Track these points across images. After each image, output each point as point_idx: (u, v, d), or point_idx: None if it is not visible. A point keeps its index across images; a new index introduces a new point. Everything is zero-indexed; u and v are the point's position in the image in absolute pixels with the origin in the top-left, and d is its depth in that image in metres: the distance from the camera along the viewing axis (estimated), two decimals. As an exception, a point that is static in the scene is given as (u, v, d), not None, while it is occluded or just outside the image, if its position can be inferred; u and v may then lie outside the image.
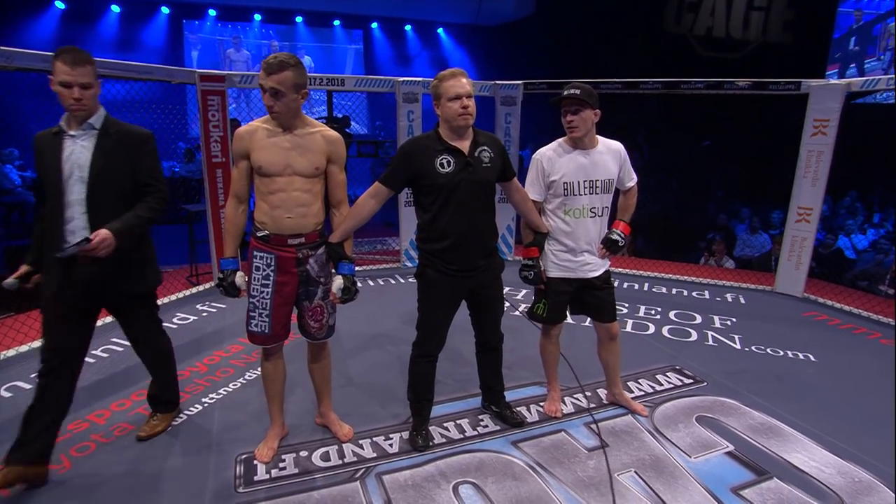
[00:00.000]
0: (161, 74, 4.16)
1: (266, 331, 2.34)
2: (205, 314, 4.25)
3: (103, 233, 2.11)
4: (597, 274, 2.68)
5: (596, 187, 2.57)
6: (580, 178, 2.54)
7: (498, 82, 5.50)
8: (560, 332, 2.82)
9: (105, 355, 3.51)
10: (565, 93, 2.47)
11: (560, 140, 2.61)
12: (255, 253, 2.31)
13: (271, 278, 2.30)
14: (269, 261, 2.29)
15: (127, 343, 3.60)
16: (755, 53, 9.60)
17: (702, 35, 10.00)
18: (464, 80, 2.26)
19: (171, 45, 10.85)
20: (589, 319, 2.90)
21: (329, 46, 12.02)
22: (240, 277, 2.32)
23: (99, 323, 3.88)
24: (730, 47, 9.84)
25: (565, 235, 2.60)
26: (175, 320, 4.11)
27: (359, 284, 2.42)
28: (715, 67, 7.39)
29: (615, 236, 2.67)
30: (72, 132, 2.19)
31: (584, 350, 3.39)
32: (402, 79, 5.07)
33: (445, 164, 2.28)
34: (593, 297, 2.71)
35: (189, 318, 4.16)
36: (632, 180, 2.72)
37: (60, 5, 9.92)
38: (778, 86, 4.69)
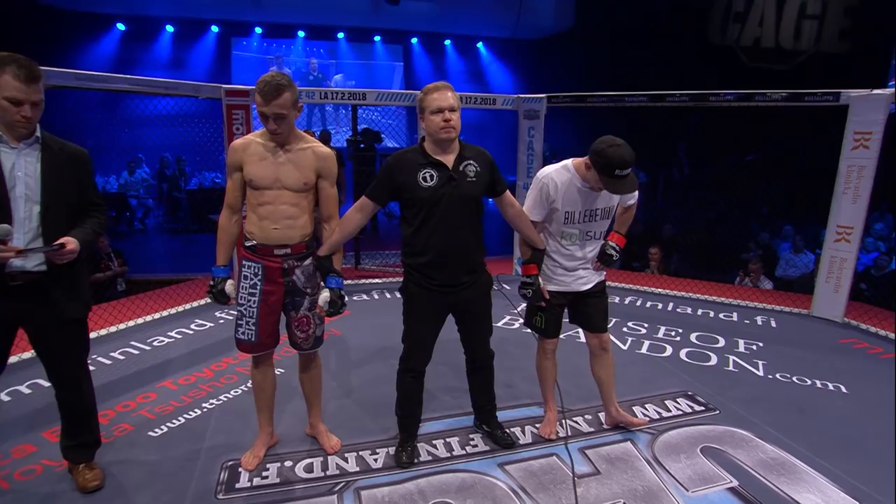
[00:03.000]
0: (187, 90, 4.35)
1: (252, 339, 2.38)
2: (221, 321, 4.37)
3: (73, 241, 2.05)
4: (590, 287, 2.63)
5: (595, 215, 2.54)
6: (582, 209, 2.50)
7: (521, 96, 5.45)
8: (556, 347, 2.74)
9: (121, 357, 3.66)
10: (617, 174, 2.27)
11: (570, 165, 2.48)
12: (244, 262, 2.36)
13: (258, 287, 2.34)
14: (256, 270, 2.34)
15: (145, 347, 3.82)
16: (808, 64, 9.16)
17: (749, 46, 9.64)
18: (448, 94, 2.24)
19: (220, 63, 11.38)
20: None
21: (369, 63, 12.29)
22: (230, 285, 2.38)
23: (115, 328, 4.11)
24: (779, 58, 9.44)
25: (562, 256, 2.58)
26: (193, 326, 4.25)
27: (374, 294, 2.42)
28: (762, 80, 7.09)
29: (609, 250, 2.61)
30: (12, 144, 2.01)
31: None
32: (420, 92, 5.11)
33: (428, 178, 2.27)
34: (585, 305, 2.66)
35: (206, 325, 4.29)
36: (633, 199, 2.65)
37: (121, 27, 10.60)
38: (815, 97, 4.43)
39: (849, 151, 4.32)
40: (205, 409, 3.02)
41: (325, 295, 2.31)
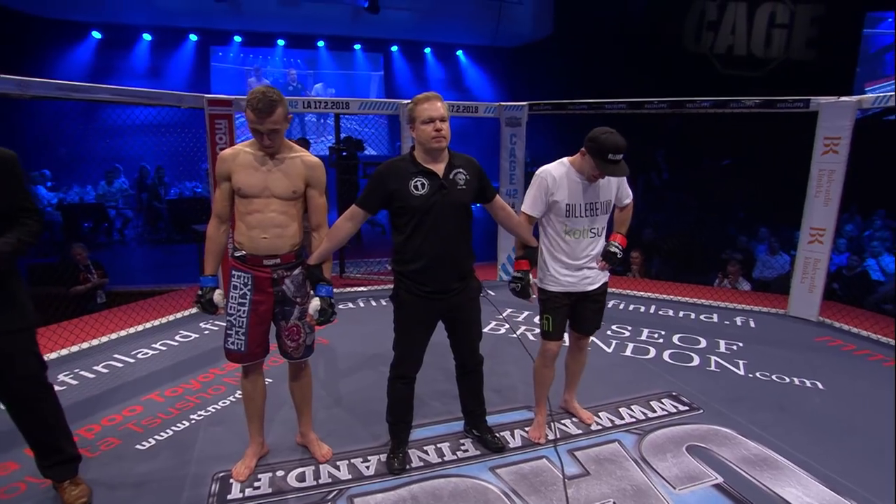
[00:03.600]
0: (170, 100, 4.33)
1: (242, 349, 2.38)
2: (206, 332, 4.34)
3: None
4: (595, 287, 2.70)
5: (596, 209, 2.61)
6: (582, 202, 2.58)
7: (503, 104, 5.53)
8: (557, 354, 2.79)
9: (105, 371, 3.62)
10: (611, 158, 2.39)
11: (566, 161, 2.62)
12: (233, 272, 2.36)
13: (248, 297, 2.35)
14: (245, 280, 2.34)
15: (129, 360, 3.77)
16: (778, 72, 9.44)
17: (722, 53, 9.90)
18: (438, 104, 2.29)
19: (199, 72, 11.28)
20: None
21: (349, 73, 12.31)
22: (218, 295, 2.37)
23: (97, 341, 4.06)
24: (751, 65, 9.70)
25: (566, 255, 2.63)
26: (177, 337, 4.21)
27: (360, 302, 2.44)
28: (736, 86, 7.28)
29: (613, 248, 2.69)
30: None
31: (595, 373, 3.32)
32: (405, 101, 5.15)
33: (420, 187, 2.30)
34: (585, 309, 2.74)
35: (191, 336, 4.25)
36: (628, 198, 2.75)
37: (97, 35, 10.45)
38: (787, 104, 4.59)
39: (819, 156, 4.48)
40: (192, 421, 3.00)
41: (315, 303, 2.33)
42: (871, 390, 3.45)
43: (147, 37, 10.76)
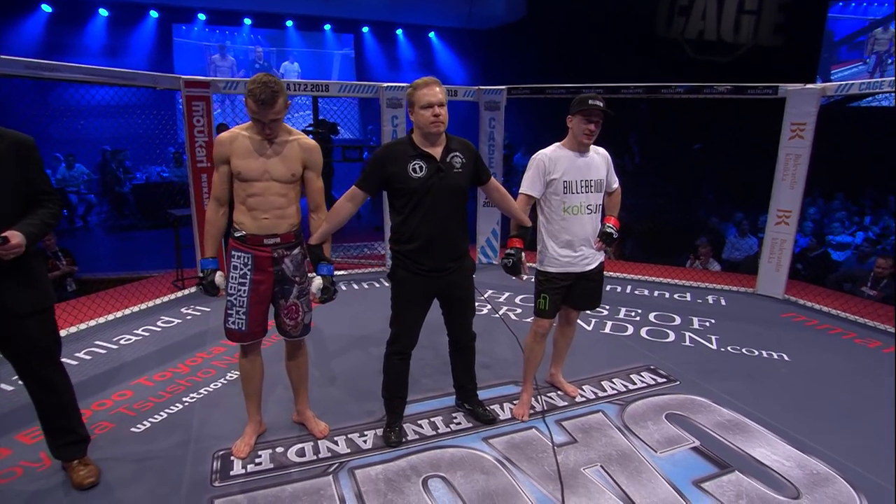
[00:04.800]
0: (145, 80, 4.30)
1: (243, 328, 2.47)
2: (189, 317, 4.37)
3: (18, 235, 2.00)
4: (592, 267, 2.89)
5: (591, 186, 2.81)
6: (578, 178, 2.77)
7: (482, 87, 5.65)
8: (549, 331, 2.97)
9: (87, 357, 3.64)
10: (592, 103, 2.65)
11: (557, 144, 2.83)
12: (233, 252, 2.44)
13: (248, 277, 2.43)
14: (245, 260, 2.42)
15: (111, 346, 3.79)
16: (747, 57, 9.79)
17: (693, 38, 10.21)
18: (436, 89, 2.40)
19: (160, 50, 10.98)
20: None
21: (319, 52, 12.20)
22: (219, 277, 2.45)
23: (74, 328, 4.06)
24: (721, 51, 10.04)
25: (564, 231, 2.80)
26: (159, 323, 4.24)
27: (341, 286, 2.54)
28: (706, 71, 7.54)
29: (609, 229, 2.89)
30: None
31: (577, 349, 3.51)
32: (385, 84, 5.23)
33: (418, 169, 2.42)
34: (584, 289, 2.93)
35: (173, 321, 4.28)
36: (616, 182, 2.97)
37: (47, 9, 10.05)
38: (756, 90, 4.85)
39: (786, 141, 4.76)
40: (186, 404, 3.07)
41: (317, 282, 2.44)
42: (833, 361, 3.76)
43: (103, 12, 10.41)
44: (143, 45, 10.82)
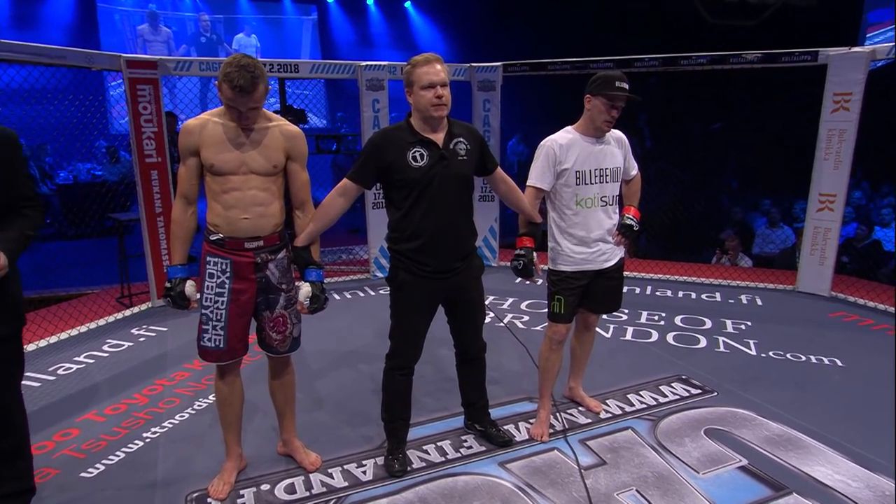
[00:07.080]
0: (78, 59, 4.24)
1: (221, 345, 2.46)
2: (142, 339, 4.35)
3: (1, 256, 2.00)
4: (612, 263, 2.95)
5: (605, 176, 2.86)
6: (591, 167, 2.82)
7: (474, 65, 5.72)
8: (566, 337, 3.02)
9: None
10: (620, 85, 2.70)
11: (569, 128, 2.88)
12: (209, 259, 2.44)
13: (227, 286, 2.43)
14: (224, 266, 2.43)
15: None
16: (774, 19, 9.89)
17: (709, 0, 10.35)
18: (438, 67, 2.44)
19: (83, 23, 10.73)
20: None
21: (279, 21, 12.12)
22: (190, 286, 2.46)
23: (45, 342, 4.00)
24: (744, 14, 10.17)
25: (578, 227, 2.85)
26: (106, 348, 4.21)
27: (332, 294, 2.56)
28: (725, 37, 7.64)
29: (629, 221, 2.96)
30: None
31: (595, 359, 3.57)
32: (364, 63, 5.27)
33: (418, 158, 2.46)
34: (602, 288, 2.98)
35: (123, 345, 4.26)
36: (634, 168, 3.03)
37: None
38: (792, 57, 4.95)
39: (828, 115, 4.86)
40: (147, 440, 3.06)
41: (305, 289, 2.46)
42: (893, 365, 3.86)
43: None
44: (62, 14, 10.50)
